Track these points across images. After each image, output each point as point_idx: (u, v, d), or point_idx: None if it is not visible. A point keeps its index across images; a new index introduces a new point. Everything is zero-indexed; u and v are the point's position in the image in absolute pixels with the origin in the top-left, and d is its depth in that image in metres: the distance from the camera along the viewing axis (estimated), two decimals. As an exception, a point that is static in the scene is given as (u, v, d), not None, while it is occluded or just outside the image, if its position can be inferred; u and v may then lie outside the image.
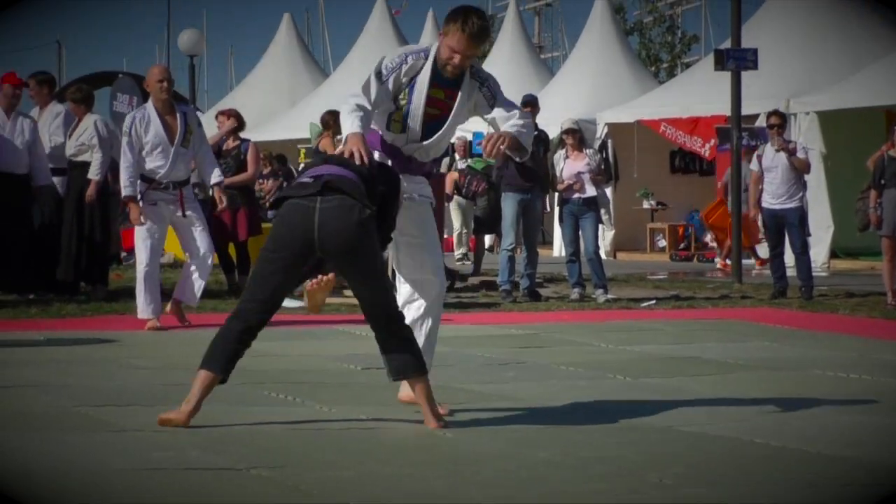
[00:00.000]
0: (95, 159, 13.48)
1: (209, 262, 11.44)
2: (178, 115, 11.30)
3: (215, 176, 11.52)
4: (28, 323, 11.50)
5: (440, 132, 6.69)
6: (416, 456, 5.82)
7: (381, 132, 6.65)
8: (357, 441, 6.15)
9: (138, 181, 11.08)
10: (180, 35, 28.60)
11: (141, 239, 11.20)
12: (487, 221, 17.46)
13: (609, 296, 14.33)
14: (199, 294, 11.32)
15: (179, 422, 6.14)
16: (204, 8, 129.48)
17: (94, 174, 13.45)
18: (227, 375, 6.23)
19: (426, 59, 6.60)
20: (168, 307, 11.36)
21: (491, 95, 6.74)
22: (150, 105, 11.32)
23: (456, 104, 6.67)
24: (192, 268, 11.28)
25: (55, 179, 13.68)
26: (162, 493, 5.02)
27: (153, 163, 11.16)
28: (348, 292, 8.97)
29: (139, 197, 11.06)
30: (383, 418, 6.62)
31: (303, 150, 30.87)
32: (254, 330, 6.24)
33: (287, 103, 34.29)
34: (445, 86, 6.64)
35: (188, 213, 11.19)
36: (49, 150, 13.60)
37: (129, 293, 13.83)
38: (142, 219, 11.03)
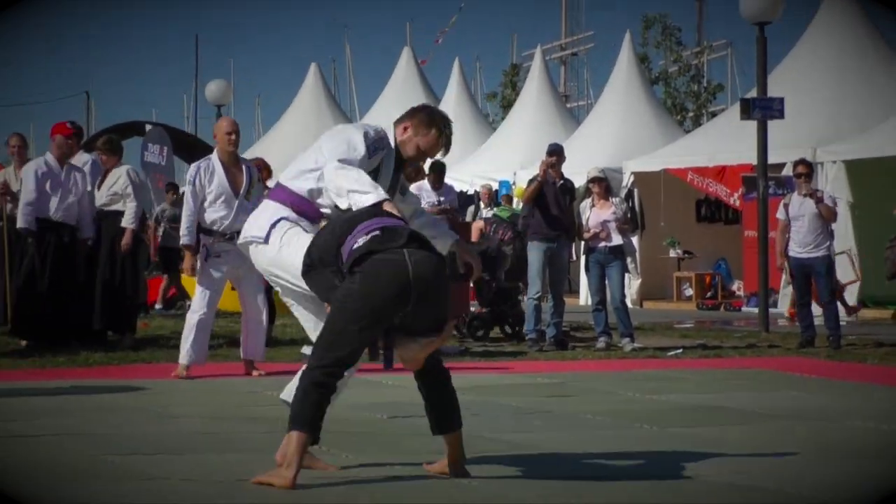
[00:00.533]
0: (130, 208, 13.58)
1: (262, 328, 11.54)
2: (243, 167, 11.39)
3: None
4: (55, 372, 11.52)
5: None
6: (442, 506, 5.80)
7: (325, 206, 6.59)
8: (382, 491, 6.12)
9: (196, 230, 11.17)
10: (208, 85, 28.83)
11: (201, 288, 11.26)
12: (513, 270, 17.44)
13: (635, 345, 14.30)
14: (262, 350, 11.40)
15: (284, 486, 5.89)
16: (231, 58, 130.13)
17: (129, 223, 13.55)
18: (318, 435, 6.06)
19: (390, 148, 6.68)
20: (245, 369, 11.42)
21: (401, 182, 6.98)
22: (214, 156, 11.40)
23: (398, 191, 6.85)
24: (252, 326, 11.38)
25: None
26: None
27: (216, 213, 11.23)
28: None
29: (199, 247, 11.18)
30: (409, 468, 6.59)
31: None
32: (335, 386, 6.11)
33: (314, 152, 34.42)
34: None
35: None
36: (76, 199, 13.70)
37: (156, 342, 13.90)
38: (194, 269, 11.14)
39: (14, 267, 13.84)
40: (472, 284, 15.92)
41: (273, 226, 6.57)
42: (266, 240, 6.57)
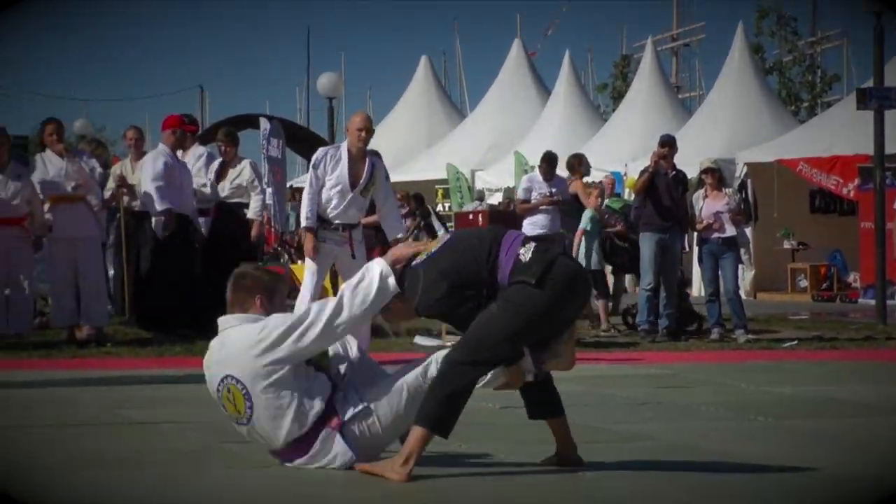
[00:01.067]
0: (256, 200, 13.80)
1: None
2: (367, 163, 11.48)
3: (394, 231, 11.59)
4: (172, 360, 11.69)
5: None
6: (555, 497, 5.79)
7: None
8: (496, 481, 6.14)
9: (316, 214, 11.30)
10: (319, 78, 28.96)
11: (309, 273, 11.40)
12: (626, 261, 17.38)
13: (749, 336, 14.20)
14: (367, 339, 11.43)
15: (400, 481, 5.88)
16: (342, 51, 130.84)
17: (256, 214, 13.76)
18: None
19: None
20: None
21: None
22: (344, 146, 11.53)
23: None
24: None
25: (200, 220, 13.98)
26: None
27: (328, 202, 11.37)
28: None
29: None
30: (522, 458, 6.61)
31: (440, 190, 31.09)
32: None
33: (424, 144, 34.55)
34: None
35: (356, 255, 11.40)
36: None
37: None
38: (316, 251, 11.23)
39: (132, 258, 14.06)
40: None
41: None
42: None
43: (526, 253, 6.08)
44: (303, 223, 11.47)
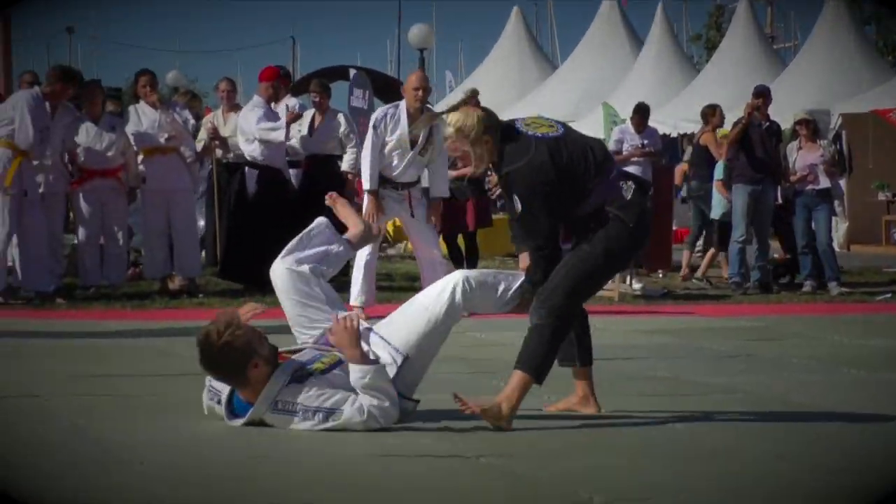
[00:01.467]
0: (351, 153, 13.74)
1: (439, 266, 11.45)
2: None
3: (439, 192, 11.62)
4: (264, 312, 11.75)
5: None
6: (645, 449, 5.77)
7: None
8: (584, 432, 6.14)
9: (378, 176, 11.31)
10: (410, 29, 28.99)
11: None
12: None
13: (842, 288, 14.05)
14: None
15: (504, 428, 5.97)
16: (433, 2, 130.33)
17: (351, 167, 13.69)
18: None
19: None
20: None
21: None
22: (403, 106, 11.48)
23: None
24: (427, 265, 11.45)
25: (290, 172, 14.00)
26: (393, 478, 5.08)
27: (388, 162, 11.37)
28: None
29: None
30: (610, 411, 6.59)
31: (531, 143, 30.97)
32: None
33: (515, 95, 34.39)
34: None
35: (416, 213, 11.40)
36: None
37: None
38: (379, 213, 11.25)
39: (224, 210, 14.13)
40: None
41: None
42: None
43: (627, 191, 6.03)
44: (366, 185, 11.44)
